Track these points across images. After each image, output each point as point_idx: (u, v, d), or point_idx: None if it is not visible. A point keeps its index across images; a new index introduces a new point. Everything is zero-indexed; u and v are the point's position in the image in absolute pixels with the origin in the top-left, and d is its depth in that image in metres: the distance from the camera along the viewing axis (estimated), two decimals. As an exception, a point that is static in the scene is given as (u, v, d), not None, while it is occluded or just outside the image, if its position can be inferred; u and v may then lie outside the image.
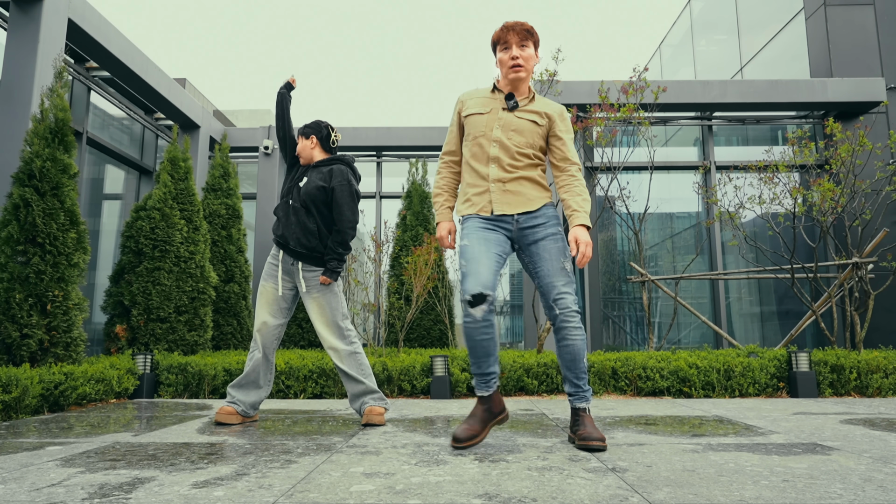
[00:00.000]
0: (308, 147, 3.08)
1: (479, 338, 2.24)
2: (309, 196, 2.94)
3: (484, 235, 2.32)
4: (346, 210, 2.93)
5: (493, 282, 2.23)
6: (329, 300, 2.93)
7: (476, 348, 2.26)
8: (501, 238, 2.35)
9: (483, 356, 2.27)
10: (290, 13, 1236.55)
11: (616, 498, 1.52)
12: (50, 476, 1.78)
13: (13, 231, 3.63)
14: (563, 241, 2.34)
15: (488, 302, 2.21)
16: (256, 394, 2.95)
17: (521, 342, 8.50)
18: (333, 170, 3.00)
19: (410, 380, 4.21)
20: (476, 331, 2.23)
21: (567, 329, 2.26)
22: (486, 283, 2.20)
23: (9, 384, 3.01)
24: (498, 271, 2.28)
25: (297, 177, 3.07)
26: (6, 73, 4.67)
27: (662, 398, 4.06)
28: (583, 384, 2.30)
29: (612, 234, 7.73)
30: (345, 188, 2.94)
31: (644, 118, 5.48)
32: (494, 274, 2.25)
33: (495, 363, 2.30)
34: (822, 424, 2.80)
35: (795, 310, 7.39)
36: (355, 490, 1.61)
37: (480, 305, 2.19)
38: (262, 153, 8.32)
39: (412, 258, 5.53)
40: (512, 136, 2.36)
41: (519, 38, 2.38)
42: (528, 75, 2.40)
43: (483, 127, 2.39)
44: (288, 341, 6.92)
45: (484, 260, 2.25)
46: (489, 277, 2.22)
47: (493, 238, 2.32)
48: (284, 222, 2.98)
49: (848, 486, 1.62)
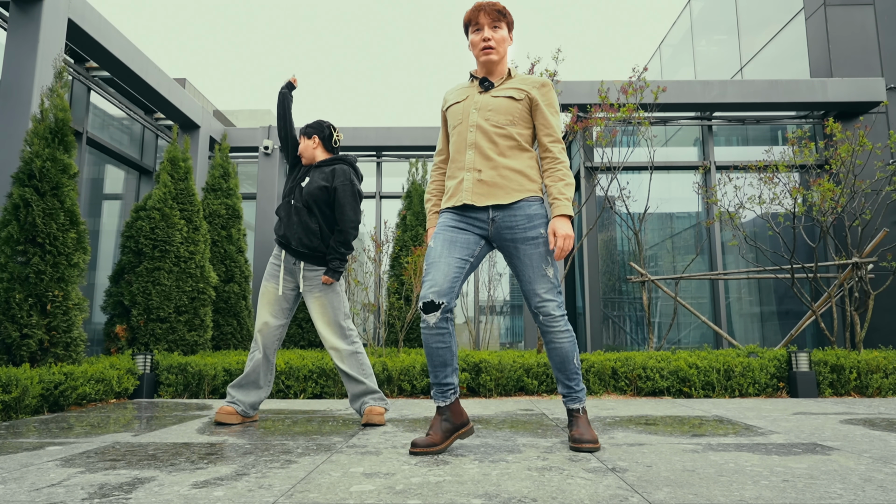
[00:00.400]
0: (310, 147, 3.08)
1: (434, 345, 2.15)
2: (311, 196, 2.94)
3: (450, 237, 2.21)
4: (348, 210, 2.93)
5: (449, 289, 2.13)
6: (331, 300, 2.93)
7: (431, 356, 2.17)
8: (472, 239, 2.23)
9: (439, 365, 2.17)
10: (291, 13, 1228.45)
11: (616, 498, 1.52)
12: (50, 476, 1.78)
13: (13, 231, 3.63)
14: (544, 245, 2.20)
15: (442, 310, 2.11)
16: (256, 394, 2.95)
17: (521, 342, 8.50)
18: (336, 169, 2.99)
19: (410, 380, 4.21)
20: (430, 337, 2.15)
21: (552, 333, 2.21)
22: (440, 290, 2.11)
23: (9, 384, 3.01)
24: (459, 277, 2.17)
25: (298, 177, 3.06)
26: (6, 73, 4.67)
27: (662, 398, 4.06)
28: (574, 385, 2.26)
29: (612, 234, 7.73)
30: (347, 188, 2.94)
31: (644, 118, 5.48)
32: (453, 280, 2.14)
33: (453, 374, 2.20)
34: (822, 424, 2.80)
35: (795, 310, 7.39)
36: (355, 490, 1.61)
37: (434, 312, 2.12)
38: (262, 153, 8.32)
39: (412, 258, 5.53)
40: (490, 117, 2.24)
41: (490, 18, 2.26)
42: (500, 58, 2.29)
43: (461, 115, 2.29)
44: (288, 341, 6.92)
45: (443, 265, 2.15)
46: (445, 285, 2.12)
47: (459, 240, 2.21)
48: (286, 222, 2.98)
49: (848, 486, 1.62)
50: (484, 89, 2.30)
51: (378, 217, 8.60)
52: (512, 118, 2.25)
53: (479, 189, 2.20)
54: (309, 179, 2.99)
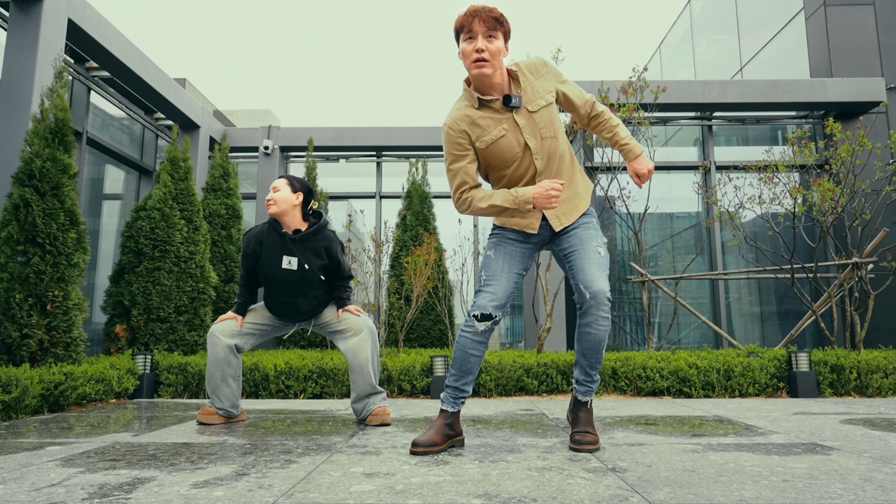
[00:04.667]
0: (289, 202, 2.79)
1: (471, 351, 2.20)
2: (314, 275, 2.84)
3: (511, 250, 2.24)
4: (345, 268, 2.95)
5: (505, 303, 2.19)
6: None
7: (463, 361, 2.21)
8: (528, 252, 2.27)
9: (465, 372, 2.22)
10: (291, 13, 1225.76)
11: (616, 498, 1.52)
12: (50, 476, 1.78)
13: (13, 231, 3.63)
14: (595, 227, 2.23)
15: (493, 322, 2.18)
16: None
17: (521, 342, 8.50)
18: (327, 245, 2.86)
19: (410, 380, 4.21)
20: (470, 343, 2.19)
21: (597, 316, 2.11)
22: (499, 304, 2.17)
23: (9, 384, 3.01)
24: (514, 291, 2.22)
25: (275, 256, 2.80)
26: (6, 73, 4.67)
27: (662, 398, 4.06)
28: (595, 375, 2.24)
29: (612, 234, 7.73)
30: (344, 259, 2.93)
31: (644, 118, 5.48)
32: (509, 295, 2.20)
33: (471, 384, 2.26)
34: (822, 424, 2.80)
35: (795, 310, 7.39)
36: (355, 490, 1.61)
37: (486, 322, 2.17)
38: (262, 153, 8.32)
39: (412, 258, 5.53)
40: (544, 133, 2.13)
41: (486, 27, 2.03)
42: (494, 71, 2.06)
43: (513, 147, 2.11)
44: (288, 341, 6.92)
45: (503, 280, 2.19)
46: (503, 300, 2.18)
47: (518, 254, 2.24)
48: (293, 304, 2.87)
49: (848, 486, 1.62)
50: (511, 108, 2.10)
51: (378, 217, 8.59)
52: (555, 126, 2.16)
53: (563, 209, 2.22)
54: (300, 257, 2.80)
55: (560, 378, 4.23)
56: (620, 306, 7.70)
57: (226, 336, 2.85)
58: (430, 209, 7.44)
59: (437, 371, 4.12)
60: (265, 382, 4.14)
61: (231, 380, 2.87)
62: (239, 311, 2.91)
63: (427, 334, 6.93)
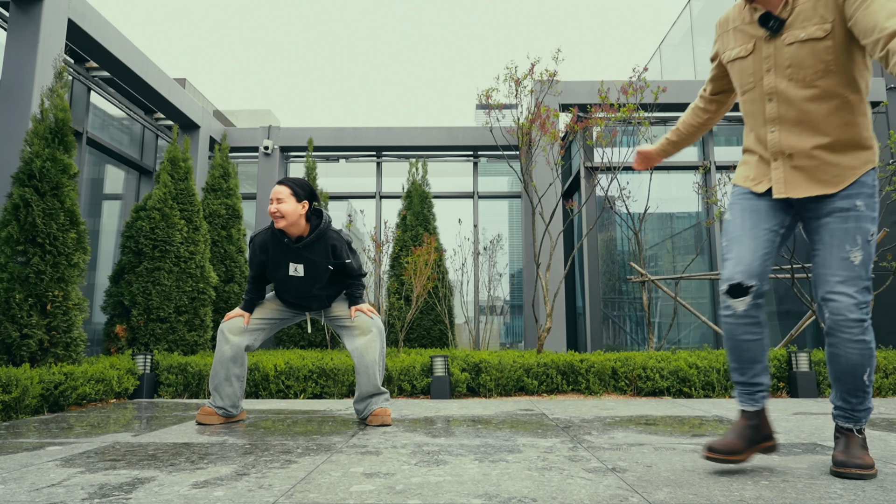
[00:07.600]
0: (296, 212, 2.72)
1: (742, 337, 1.80)
2: (322, 278, 2.86)
3: (750, 205, 1.84)
4: (356, 267, 2.93)
5: (760, 267, 1.77)
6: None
7: (737, 349, 1.82)
8: (774, 206, 1.82)
9: (747, 361, 1.82)
10: (291, 13, 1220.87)
11: (616, 498, 1.52)
12: (50, 476, 1.78)
13: (13, 231, 3.63)
14: (855, 221, 1.69)
15: (753, 293, 1.76)
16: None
17: (521, 342, 8.50)
18: (332, 244, 2.83)
19: (410, 380, 4.21)
20: (736, 327, 1.80)
21: (837, 337, 1.71)
22: (749, 269, 1.76)
23: (9, 384, 3.01)
24: (771, 253, 1.79)
25: (281, 263, 2.81)
26: (6, 73, 4.68)
27: (662, 398, 4.06)
28: (857, 403, 1.75)
29: (612, 234, 7.73)
30: (351, 254, 2.91)
31: (644, 118, 5.48)
32: (765, 258, 1.78)
33: (763, 373, 1.83)
34: (822, 424, 2.80)
35: (795, 310, 7.39)
36: (355, 490, 1.61)
37: (743, 297, 1.77)
38: (262, 153, 8.32)
39: (412, 258, 5.53)
40: (791, 75, 1.70)
41: None
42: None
43: (750, 76, 1.79)
44: (288, 341, 6.93)
45: (748, 239, 1.79)
46: (755, 263, 1.77)
47: (762, 208, 1.82)
48: (305, 301, 2.94)
49: (848, 487, 1.62)
50: (771, 32, 1.72)
51: (378, 217, 8.60)
52: (825, 65, 1.66)
53: (792, 177, 1.77)
54: (305, 264, 2.80)
55: (560, 378, 4.23)
56: (620, 306, 7.70)
57: (234, 334, 2.87)
58: (430, 209, 7.44)
59: (438, 371, 4.12)
60: (265, 382, 4.15)
61: (235, 379, 2.89)
62: (246, 307, 2.94)
63: (427, 334, 6.93)
